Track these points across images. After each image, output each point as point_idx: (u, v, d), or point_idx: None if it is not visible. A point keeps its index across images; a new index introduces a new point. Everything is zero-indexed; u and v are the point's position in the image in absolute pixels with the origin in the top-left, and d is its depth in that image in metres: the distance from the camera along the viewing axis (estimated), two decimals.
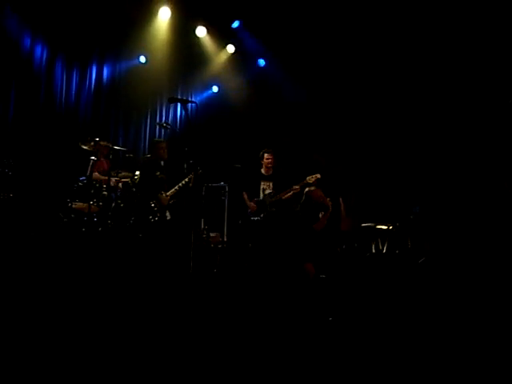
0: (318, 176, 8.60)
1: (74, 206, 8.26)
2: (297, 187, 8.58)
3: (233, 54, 11.92)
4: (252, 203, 8.85)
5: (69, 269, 6.63)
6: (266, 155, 9.05)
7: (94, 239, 7.79)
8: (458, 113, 9.55)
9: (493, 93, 9.20)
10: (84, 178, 8.47)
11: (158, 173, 8.12)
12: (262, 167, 9.09)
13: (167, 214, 8.06)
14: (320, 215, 7.78)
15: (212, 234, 9.15)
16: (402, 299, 6.06)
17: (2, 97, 8.98)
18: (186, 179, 8.05)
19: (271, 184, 8.96)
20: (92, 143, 8.36)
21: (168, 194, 8.02)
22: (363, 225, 8.68)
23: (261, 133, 11.81)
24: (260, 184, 8.98)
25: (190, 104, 6.78)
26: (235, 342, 4.28)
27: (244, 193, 9.01)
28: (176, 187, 8.02)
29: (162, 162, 8.37)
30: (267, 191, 8.87)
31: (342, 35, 10.60)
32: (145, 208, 7.88)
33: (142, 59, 11.13)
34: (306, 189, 7.96)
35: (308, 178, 8.60)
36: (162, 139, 8.42)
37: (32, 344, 3.84)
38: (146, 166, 8.29)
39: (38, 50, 9.65)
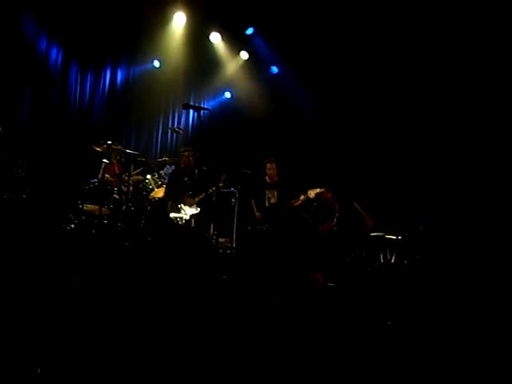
0: (318, 190, 8.50)
1: (84, 207, 8.33)
2: (303, 198, 8.46)
3: (246, 60, 11.95)
4: (258, 213, 8.80)
5: (78, 269, 6.70)
6: (268, 165, 8.97)
7: (104, 241, 7.83)
8: (469, 123, 9.53)
9: (503, 101, 9.19)
10: (95, 180, 8.54)
11: (186, 178, 8.18)
12: (266, 176, 9.05)
13: (192, 221, 8.07)
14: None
15: (221, 240, 9.17)
16: (409, 309, 6.07)
17: (16, 98, 9.07)
18: (214, 187, 8.09)
19: (276, 193, 8.89)
20: (104, 146, 8.43)
21: (196, 199, 8.04)
22: (372, 234, 8.67)
23: (272, 139, 11.84)
24: (265, 193, 8.94)
25: (203, 111, 6.78)
26: (241, 346, 4.31)
27: (252, 200, 8.99)
28: (203, 194, 8.04)
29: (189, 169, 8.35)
30: (272, 200, 8.81)
31: (357, 43, 10.60)
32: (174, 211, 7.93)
33: (156, 63, 11.22)
34: (317, 190, 7.95)
35: (309, 191, 8.50)
36: (186, 147, 8.43)
37: (37, 342, 3.88)
38: (175, 173, 8.38)
39: (54, 52, 9.77)
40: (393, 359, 4.25)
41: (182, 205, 7.98)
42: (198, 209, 8.03)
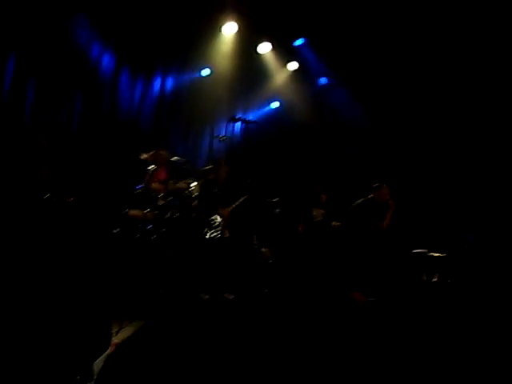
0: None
1: (130, 213, 8.44)
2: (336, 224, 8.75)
3: (295, 71, 11.98)
4: (301, 225, 8.97)
5: (122, 272, 6.80)
6: (322, 196, 9.14)
7: (148, 246, 7.93)
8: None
9: None
10: (141, 185, 8.65)
11: (216, 190, 8.19)
12: (316, 197, 9.16)
13: (226, 231, 8.07)
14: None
15: (263, 249, 9.19)
16: (451, 328, 5.98)
17: (68, 104, 9.24)
18: (246, 196, 8.09)
19: (323, 212, 9.02)
20: (152, 153, 8.54)
21: (229, 209, 8.02)
22: (415, 251, 8.59)
23: (320, 150, 11.84)
24: (312, 210, 9.05)
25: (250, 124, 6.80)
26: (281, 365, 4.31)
27: (301, 212, 9.08)
28: (236, 203, 8.03)
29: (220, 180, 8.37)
30: (318, 218, 8.93)
31: (408, 57, 10.53)
32: (206, 224, 7.95)
33: (205, 72, 11.31)
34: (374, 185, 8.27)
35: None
36: (219, 159, 8.49)
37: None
38: (207, 185, 8.40)
39: (106, 59, 9.90)
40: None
41: (214, 216, 7.97)
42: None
